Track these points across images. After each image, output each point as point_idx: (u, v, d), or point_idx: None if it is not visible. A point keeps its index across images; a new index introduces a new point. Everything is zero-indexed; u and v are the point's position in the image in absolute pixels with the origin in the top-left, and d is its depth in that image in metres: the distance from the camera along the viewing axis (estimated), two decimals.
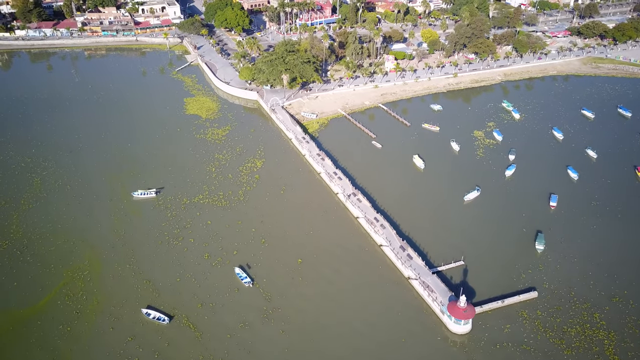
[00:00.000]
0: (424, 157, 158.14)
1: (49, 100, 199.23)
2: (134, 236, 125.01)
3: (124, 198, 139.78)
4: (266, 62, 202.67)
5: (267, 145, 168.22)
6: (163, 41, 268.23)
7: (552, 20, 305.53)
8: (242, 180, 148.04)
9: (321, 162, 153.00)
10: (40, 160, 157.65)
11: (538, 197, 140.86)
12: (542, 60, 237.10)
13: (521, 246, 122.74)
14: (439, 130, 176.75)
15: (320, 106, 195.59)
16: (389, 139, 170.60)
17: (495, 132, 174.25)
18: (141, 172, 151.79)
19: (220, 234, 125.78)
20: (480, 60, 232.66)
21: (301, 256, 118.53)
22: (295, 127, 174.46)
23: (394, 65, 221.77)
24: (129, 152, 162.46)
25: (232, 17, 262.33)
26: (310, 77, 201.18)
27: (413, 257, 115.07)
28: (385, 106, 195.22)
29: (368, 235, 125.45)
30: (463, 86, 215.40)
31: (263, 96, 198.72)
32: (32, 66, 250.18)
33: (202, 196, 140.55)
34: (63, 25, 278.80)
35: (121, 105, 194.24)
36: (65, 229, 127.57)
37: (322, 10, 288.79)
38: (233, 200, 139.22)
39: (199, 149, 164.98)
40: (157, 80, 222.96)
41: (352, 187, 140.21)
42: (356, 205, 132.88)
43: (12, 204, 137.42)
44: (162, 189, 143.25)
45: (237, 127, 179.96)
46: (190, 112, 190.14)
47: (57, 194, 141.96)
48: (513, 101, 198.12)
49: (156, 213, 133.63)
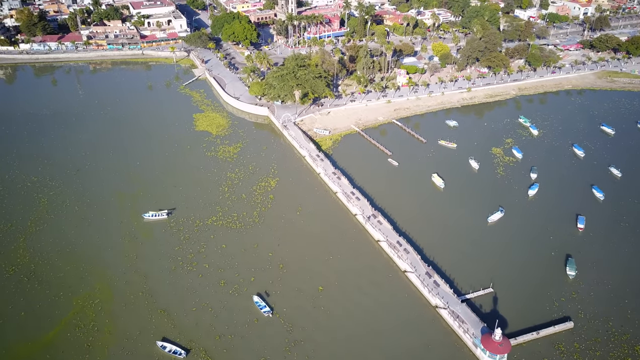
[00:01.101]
0: (443, 176, 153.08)
1: (54, 116, 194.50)
2: (147, 261, 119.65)
3: (134, 220, 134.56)
4: (277, 77, 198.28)
5: (280, 163, 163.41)
6: (169, 55, 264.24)
7: (562, 33, 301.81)
8: (257, 201, 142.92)
9: (337, 181, 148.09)
10: (47, 180, 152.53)
11: (564, 218, 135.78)
12: (556, 74, 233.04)
13: (551, 271, 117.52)
14: (456, 147, 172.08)
15: (332, 122, 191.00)
16: (405, 156, 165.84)
17: (515, 149, 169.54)
18: (151, 192, 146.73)
19: (236, 258, 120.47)
20: (493, 75, 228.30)
21: (322, 283, 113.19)
22: (308, 144, 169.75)
23: (406, 80, 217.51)
24: (138, 171, 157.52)
25: (239, 30, 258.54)
26: (322, 92, 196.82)
27: (440, 284, 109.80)
28: (399, 122, 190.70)
29: (391, 260, 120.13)
30: (477, 101, 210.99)
31: (274, 112, 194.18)
32: (36, 81, 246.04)
33: (215, 218, 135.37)
34: (68, 39, 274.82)
35: (129, 121, 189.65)
36: (75, 253, 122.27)
37: (331, 23, 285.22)
38: (248, 222, 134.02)
39: (211, 167, 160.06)
40: (165, 95, 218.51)
41: (372, 208, 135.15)
42: (377, 227, 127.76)
43: (18, 226, 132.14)
44: (173, 209, 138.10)
45: (249, 144, 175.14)
46: (200, 128, 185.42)
47: (65, 215, 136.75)
48: (530, 116, 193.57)
49: (168, 236, 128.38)
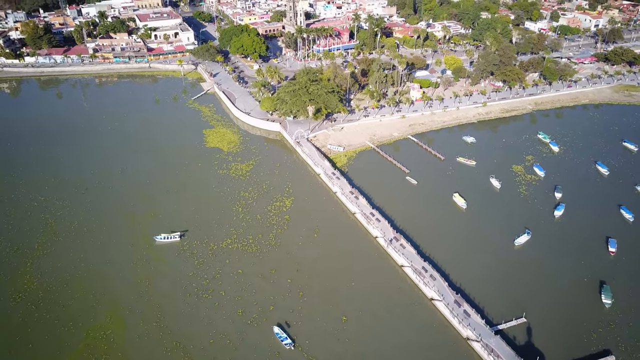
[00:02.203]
0: (465, 195, 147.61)
1: (61, 132, 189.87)
2: (160, 288, 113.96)
3: (146, 243, 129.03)
4: (289, 92, 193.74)
5: (294, 181, 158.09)
6: (177, 68, 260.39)
7: (574, 46, 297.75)
8: (272, 222, 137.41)
9: (355, 201, 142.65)
10: (54, 199, 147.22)
11: (594, 241, 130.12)
12: (572, 88, 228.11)
13: (585, 299, 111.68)
14: (475, 165, 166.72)
15: (346, 138, 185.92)
16: (424, 174, 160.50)
17: (536, 167, 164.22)
18: (162, 212, 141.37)
19: (253, 285, 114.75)
20: (508, 89, 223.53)
21: (345, 312, 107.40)
22: (323, 161, 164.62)
23: (420, 94, 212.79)
24: (148, 190, 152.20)
25: (248, 43, 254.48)
26: (335, 107, 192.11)
27: (470, 313, 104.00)
28: (415, 138, 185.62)
29: (416, 287, 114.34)
30: (493, 116, 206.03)
31: (286, 128, 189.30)
32: (42, 95, 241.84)
33: (230, 240, 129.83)
34: (74, 52, 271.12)
35: (137, 137, 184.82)
36: (84, 279, 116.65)
37: (340, 35, 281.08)
38: (264, 245, 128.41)
39: (223, 186, 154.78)
40: (173, 109, 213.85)
41: (393, 231, 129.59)
42: (400, 251, 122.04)
43: (25, 249, 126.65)
44: (186, 231, 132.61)
45: (261, 161, 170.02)
46: (211, 144, 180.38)
47: (73, 237, 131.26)
48: (549, 132, 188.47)
49: (182, 260, 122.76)
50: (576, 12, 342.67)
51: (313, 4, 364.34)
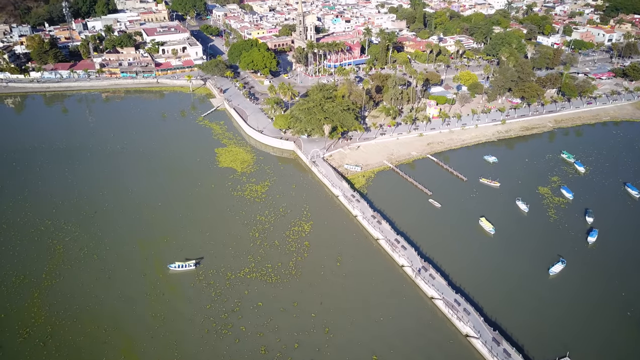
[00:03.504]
0: (492, 220, 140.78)
1: (67, 150, 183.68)
2: (176, 322, 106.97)
3: (159, 271, 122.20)
4: (303, 110, 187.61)
5: (312, 204, 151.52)
6: (185, 83, 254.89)
7: (589, 61, 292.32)
8: (291, 249, 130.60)
9: (378, 226, 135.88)
10: (62, 223, 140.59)
11: (633, 270, 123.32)
12: (592, 105, 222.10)
13: (632, 337, 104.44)
14: (499, 187, 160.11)
15: (363, 157, 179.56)
16: (447, 196, 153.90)
17: (564, 189, 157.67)
18: (176, 238, 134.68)
19: (275, 319, 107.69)
20: (526, 105, 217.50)
21: (375, 351, 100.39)
22: (341, 182, 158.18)
23: (436, 111, 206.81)
24: (160, 213, 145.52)
25: (259, 58, 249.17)
26: (351, 125, 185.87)
27: (511, 353, 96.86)
28: (435, 157, 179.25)
29: (449, 321, 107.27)
30: (513, 134, 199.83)
31: (301, 146, 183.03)
32: (48, 111, 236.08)
33: (248, 269, 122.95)
34: (80, 67, 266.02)
35: (147, 157, 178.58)
36: (95, 312, 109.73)
37: (351, 50, 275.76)
38: (284, 274, 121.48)
39: (238, 209, 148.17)
40: (184, 126, 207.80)
41: (421, 259, 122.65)
42: (429, 282, 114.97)
43: (32, 278, 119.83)
44: (201, 259, 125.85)
45: (277, 182, 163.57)
46: (224, 164, 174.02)
47: (83, 265, 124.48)
48: (572, 151, 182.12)
49: (198, 291, 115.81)
50: (588, 26, 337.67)
51: (321, 18, 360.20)
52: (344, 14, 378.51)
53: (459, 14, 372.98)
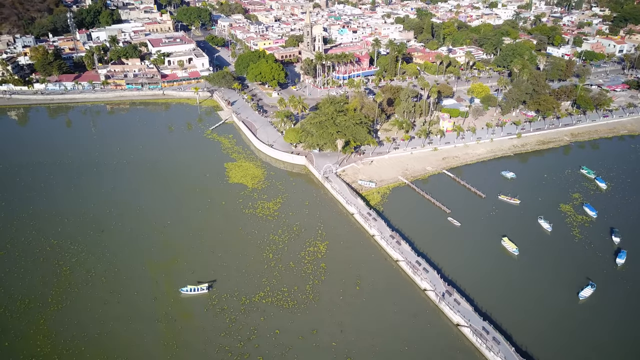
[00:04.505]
0: (514, 239, 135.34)
1: (72, 165, 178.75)
2: (189, 352, 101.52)
3: (170, 296, 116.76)
4: (315, 123, 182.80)
5: (326, 222, 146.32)
6: (192, 95, 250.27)
7: (601, 72, 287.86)
8: (307, 271, 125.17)
9: (397, 247, 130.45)
10: (68, 243, 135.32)
11: None
12: (608, 118, 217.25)
13: None
14: (519, 204, 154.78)
15: (377, 172, 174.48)
16: (466, 214, 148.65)
17: (587, 206, 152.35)
18: (186, 259, 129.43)
19: (294, 349, 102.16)
20: (541, 119, 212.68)
21: None
22: (356, 199, 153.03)
23: (450, 125, 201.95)
24: (169, 233, 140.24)
25: (267, 70, 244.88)
26: (364, 140, 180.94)
27: None
28: (450, 172, 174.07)
29: (477, 350, 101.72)
30: (530, 148, 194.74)
31: (312, 161, 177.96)
32: (52, 123, 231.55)
33: (263, 293, 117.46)
34: (85, 78, 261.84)
35: (155, 172, 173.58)
36: (104, 340, 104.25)
37: (360, 62, 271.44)
38: (301, 299, 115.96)
39: (250, 227, 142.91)
40: (192, 140, 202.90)
41: (444, 283, 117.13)
42: (455, 308, 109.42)
43: (37, 302, 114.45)
44: (214, 282, 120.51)
45: (289, 198, 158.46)
46: (234, 180, 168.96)
47: (90, 288, 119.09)
48: (592, 166, 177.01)
49: (211, 317, 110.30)
50: (598, 37, 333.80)
51: (327, 29, 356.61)
52: (351, 25, 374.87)
53: (466, 24, 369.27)
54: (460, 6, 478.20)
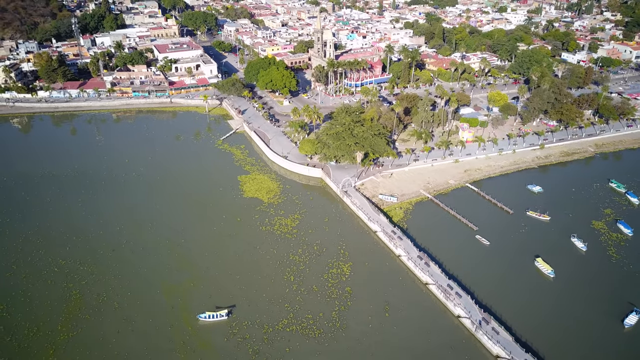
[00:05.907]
0: (549, 260, 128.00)
1: (80, 178, 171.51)
2: None
3: (187, 323, 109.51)
4: (331, 134, 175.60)
5: (348, 240, 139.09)
6: (201, 103, 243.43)
7: (618, 79, 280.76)
8: (332, 296, 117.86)
9: (426, 269, 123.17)
10: (77, 264, 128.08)
11: None
12: (632, 128, 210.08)
13: None
14: (549, 221, 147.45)
15: (398, 186, 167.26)
16: (495, 232, 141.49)
17: (621, 223, 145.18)
18: (203, 282, 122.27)
19: None
20: (564, 129, 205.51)
21: None
22: (378, 216, 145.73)
23: (471, 135, 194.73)
24: (184, 252, 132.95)
25: (278, 78, 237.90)
26: (383, 151, 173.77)
27: None
28: (474, 186, 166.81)
29: None
30: (554, 160, 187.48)
31: (329, 174, 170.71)
32: (57, 132, 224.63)
33: (286, 321, 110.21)
34: (90, 86, 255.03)
35: (166, 185, 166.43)
36: None
37: (373, 69, 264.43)
38: (327, 327, 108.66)
39: (268, 246, 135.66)
40: (202, 151, 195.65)
41: (480, 310, 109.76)
42: (493, 338, 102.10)
43: (46, 331, 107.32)
44: (233, 307, 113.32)
45: (307, 214, 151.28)
46: (249, 194, 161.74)
47: (102, 314, 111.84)
48: (620, 180, 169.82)
49: (232, 347, 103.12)
50: (614, 43, 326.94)
51: (335, 34, 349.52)
52: (359, 30, 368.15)
53: (478, 29, 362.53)
54: (470, 10, 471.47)
